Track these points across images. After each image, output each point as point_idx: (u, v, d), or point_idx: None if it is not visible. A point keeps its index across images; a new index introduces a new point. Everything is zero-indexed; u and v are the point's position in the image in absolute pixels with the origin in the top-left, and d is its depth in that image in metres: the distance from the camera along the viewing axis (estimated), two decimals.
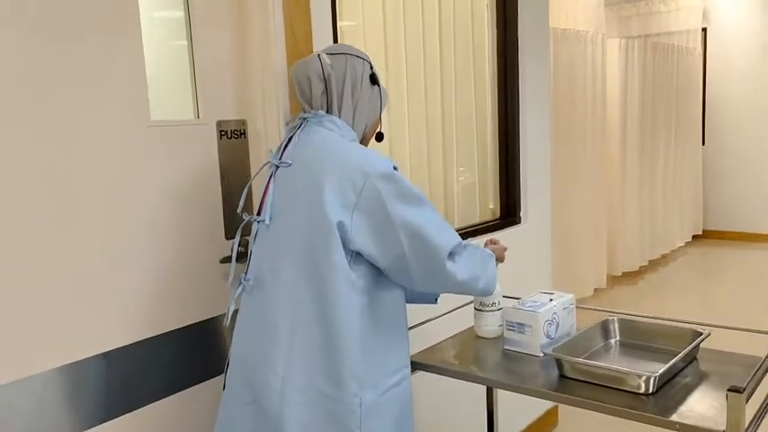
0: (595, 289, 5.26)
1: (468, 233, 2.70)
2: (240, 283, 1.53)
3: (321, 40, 1.95)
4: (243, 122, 1.86)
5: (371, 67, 1.61)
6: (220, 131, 1.81)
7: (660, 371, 1.45)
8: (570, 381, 1.56)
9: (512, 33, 2.86)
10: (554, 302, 1.77)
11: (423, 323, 1.87)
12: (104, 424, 1.59)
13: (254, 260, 1.53)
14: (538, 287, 1.89)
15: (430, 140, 2.78)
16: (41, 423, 1.48)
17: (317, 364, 1.44)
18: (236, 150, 1.85)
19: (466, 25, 2.90)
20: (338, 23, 2.09)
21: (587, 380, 1.54)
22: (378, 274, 1.50)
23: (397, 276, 1.50)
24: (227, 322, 1.53)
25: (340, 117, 1.55)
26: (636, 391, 1.46)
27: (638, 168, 5.79)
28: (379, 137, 1.65)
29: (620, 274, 5.67)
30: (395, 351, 1.54)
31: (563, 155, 4.81)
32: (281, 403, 1.44)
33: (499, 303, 1.85)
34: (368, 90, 1.59)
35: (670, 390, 1.47)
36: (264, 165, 1.60)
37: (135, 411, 1.65)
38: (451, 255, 1.48)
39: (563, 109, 4.80)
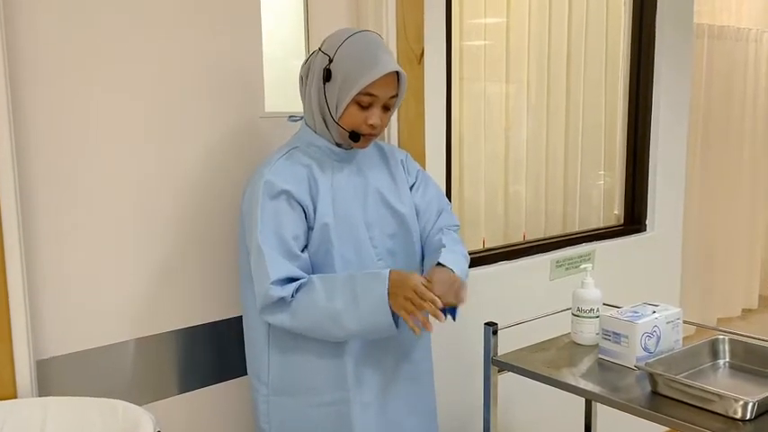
0: (744, 309, 4.84)
1: (587, 238, 2.63)
2: None
3: (433, 37, 1.99)
4: None
5: (330, 62, 1.46)
6: None
7: (761, 396, 1.34)
8: (662, 398, 1.48)
9: (647, 32, 2.72)
10: (656, 315, 1.67)
11: (518, 324, 1.85)
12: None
13: None
14: (661, 301, 1.78)
15: (549, 140, 2.72)
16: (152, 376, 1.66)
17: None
18: None
19: (600, 26, 2.80)
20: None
21: (679, 398, 1.45)
22: None
23: None
24: None
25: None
26: (732, 416, 1.36)
27: None
28: (353, 136, 1.50)
29: None
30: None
31: (714, 163, 4.46)
32: None
33: (597, 311, 1.79)
34: (316, 84, 1.49)
35: None
36: None
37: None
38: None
39: (717, 114, 4.44)
